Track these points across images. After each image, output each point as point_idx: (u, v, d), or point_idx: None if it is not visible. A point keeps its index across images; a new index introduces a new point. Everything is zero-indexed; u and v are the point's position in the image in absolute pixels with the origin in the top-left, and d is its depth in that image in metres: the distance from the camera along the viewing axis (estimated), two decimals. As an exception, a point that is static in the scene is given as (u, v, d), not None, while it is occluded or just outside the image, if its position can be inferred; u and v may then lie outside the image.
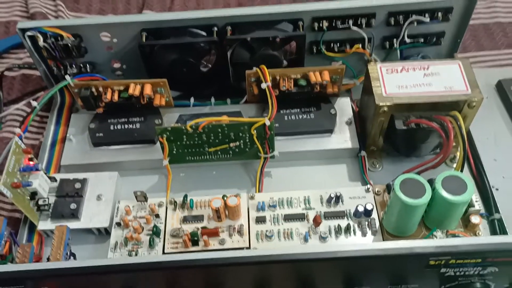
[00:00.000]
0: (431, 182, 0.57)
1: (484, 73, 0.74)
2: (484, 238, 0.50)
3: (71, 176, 0.63)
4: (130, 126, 0.67)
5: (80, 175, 0.63)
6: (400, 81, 0.59)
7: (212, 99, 0.71)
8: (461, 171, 0.55)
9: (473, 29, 0.80)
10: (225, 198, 0.58)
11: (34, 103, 0.62)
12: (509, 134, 0.67)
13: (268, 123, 0.59)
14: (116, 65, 0.71)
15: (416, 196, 0.50)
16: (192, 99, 0.70)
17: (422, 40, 0.67)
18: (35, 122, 0.74)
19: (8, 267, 0.44)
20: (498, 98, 0.71)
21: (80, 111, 0.71)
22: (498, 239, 0.43)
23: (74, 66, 0.69)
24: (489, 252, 0.42)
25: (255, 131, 0.60)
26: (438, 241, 0.43)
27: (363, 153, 0.64)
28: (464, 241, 0.43)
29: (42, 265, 0.46)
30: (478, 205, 0.56)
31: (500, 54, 0.77)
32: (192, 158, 0.64)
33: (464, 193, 0.50)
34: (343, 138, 0.65)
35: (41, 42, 0.64)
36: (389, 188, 0.58)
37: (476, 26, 0.80)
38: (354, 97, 0.71)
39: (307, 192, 0.60)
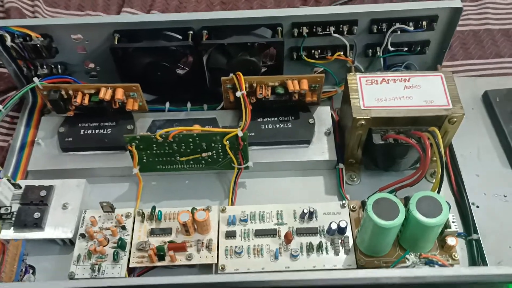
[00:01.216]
0: (407, 200, 0.55)
1: (471, 82, 0.72)
2: (452, 269, 0.48)
3: (36, 182, 0.61)
4: (101, 131, 0.65)
5: (47, 182, 0.61)
6: (379, 93, 0.56)
7: (188, 104, 0.68)
8: (438, 191, 0.52)
9: (462, 36, 0.77)
10: (194, 211, 0.56)
11: (-1, 106, 0.60)
12: (493, 149, 0.65)
13: (240, 134, 0.56)
14: (90, 66, 0.69)
15: (389, 217, 0.48)
16: (167, 104, 0.68)
17: (406, 48, 0.65)
18: (5, 122, 0.71)
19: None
20: (484, 110, 0.69)
21: (52, 113, 0.68)
22: (466, 271, 0.41)
23: (45, 66, 0.66)
24: (456, 285, 0.40)
25: (227, 141, 0.58)
26: (403, 272, 0.41)
27: (341, 165, 0.62)
28: (431, 272, 0.41)
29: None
30: (455, 226, 0.53)
31: (488, 63, 0.75)
32: (163, 167, 0.62)
33: (438, 215, 0.48)
34: (320, 149, 0.63)
35: (8, 41, 0.62)
36: (364, 205, 0.56)
37: (465, 32, 0.77)
38: (336, 105, 0.68)
39: (280, 206, 0.58)
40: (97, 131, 0.65)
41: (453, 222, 0.54)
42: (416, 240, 0.51)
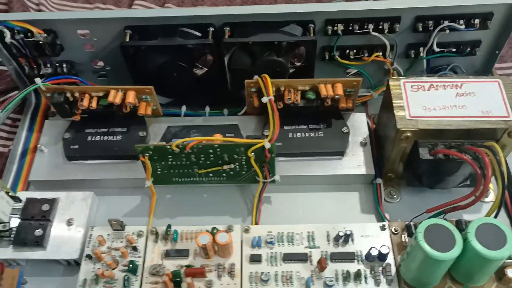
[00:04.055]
0: (459, 224, 0.49)
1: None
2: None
3: (38, 195, 0.54)
4: (111, 138, 0.58)
5: (50, 194, 0.54)
6: (427, 102, 0.49)
7: (207, 108, 0.62)
8: (496, 216, 0.45)
9: None
10: (215, 231, 0.50)
11: (-3, 111, 0.54)
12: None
13: (268, 146, 0.50)
14: (99, 65, 0.62)
15: (444, 248, 0.41)
16: (183, 108, 0.62)
17: (453, 49, 0.57)
18: (5, 126, 0.65)
19: None
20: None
21: (56, 116, 0.62)
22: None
23: (48, 65, 0.60)
24: None
25: (252, 153, 0.51)
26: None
27: (379, 180, 0.55)
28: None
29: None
30: (516, 256, 0.47)
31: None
32: (179, 180, 0.55)
33: (503, 247, 0.41)
34: (356, 162, 0.56)
35: (8, 38, 0.55)
36: (409, 229, 0.49)
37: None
38: (371, 111, 0.62)
39: (312, 227, 0.51)
40: (106, 137, 0.58)
41: (513, 251, 0.47)
42: (472, 273, 0.44)
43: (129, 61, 0.57)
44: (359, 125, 0.58)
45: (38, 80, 0.55)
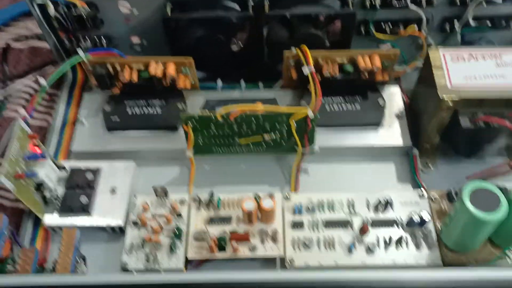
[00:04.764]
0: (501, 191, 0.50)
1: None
2: None
3: (82, 165, 0.56)
4: (150, 110, 0.59)
5: (93, 164, 0.56)
6: (468, 71, 0.50)
7: (242, 82, 0.63)
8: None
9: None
10: (258, 198, 0.51)
11: (43, 81, 0.55)
12: None
13: (311, 114, 0.51)
14: (135, 40, 0.63)
15: (489, 210, 0.42)
16: (219, 82, 0.63)
17: (489, 23, 0.58)
18: (43, 100, 0.66)
19: (5, 279, 0.37)
20: None
21: (94, 90, 0.63)
22: None
23: (87, 39, 0.61)
24: None
25: (294, 123, 0.52)
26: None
27: (415, 151, 0.56)
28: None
29: (43, 278, 0.39)
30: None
31: None
32: (219, 150, 0.56)
33: (546, 208, 0.42)
34: (392, 133, 0.57)
35: (51, 11, 0.56)
36: (450, 196, 0.50)
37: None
38: (404, 86, 0.62)
39: (351, 195, 0.52)
40: (145, 109, 0.59)
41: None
42: (514, 236, 0.46)
43: (170, 35, 0.58)
44: (394, 97, 0.59)
45: (81, 52, 0.56)
